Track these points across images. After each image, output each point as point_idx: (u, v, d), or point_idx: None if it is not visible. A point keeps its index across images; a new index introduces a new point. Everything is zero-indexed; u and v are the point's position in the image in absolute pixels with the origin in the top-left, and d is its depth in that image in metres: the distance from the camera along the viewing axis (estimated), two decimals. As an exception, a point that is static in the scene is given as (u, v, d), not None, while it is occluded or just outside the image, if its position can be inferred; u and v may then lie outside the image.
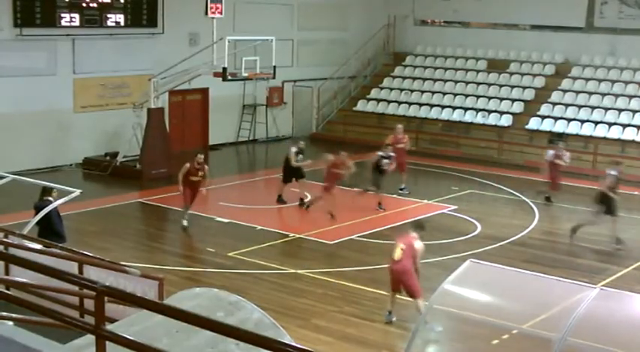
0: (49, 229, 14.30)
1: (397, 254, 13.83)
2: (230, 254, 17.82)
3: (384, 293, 14.95)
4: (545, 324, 11.32)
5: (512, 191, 25.02)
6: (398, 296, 14.13)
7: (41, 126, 25.74)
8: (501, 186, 25.60)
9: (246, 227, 20.08)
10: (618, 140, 29.76)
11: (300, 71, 33.55)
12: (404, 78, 35.64)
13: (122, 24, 27.49)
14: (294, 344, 4.89)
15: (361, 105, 35.11)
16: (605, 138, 29.97)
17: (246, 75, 25.80)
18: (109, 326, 5.56)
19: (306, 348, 4.71)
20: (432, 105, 33.70)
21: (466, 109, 32.97)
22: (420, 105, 33.90)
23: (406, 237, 14.19)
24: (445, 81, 34.64)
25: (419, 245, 14.03)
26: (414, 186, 24.89)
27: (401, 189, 24.10)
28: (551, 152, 24.00)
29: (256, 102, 32.31)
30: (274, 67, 26.20)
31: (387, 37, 37.31)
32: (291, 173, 22.51)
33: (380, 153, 22.37)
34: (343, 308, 14.87)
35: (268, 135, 32.99)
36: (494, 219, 21.54)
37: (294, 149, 22.62)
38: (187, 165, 19.86)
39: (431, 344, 12.81)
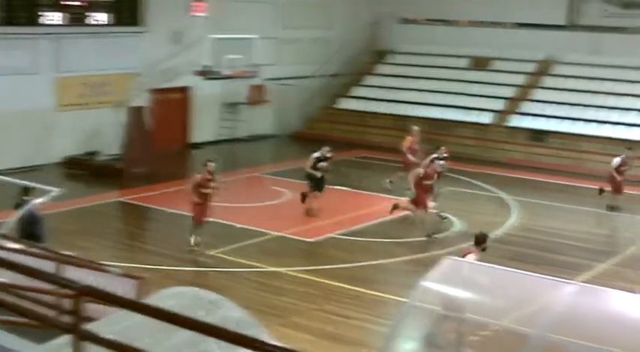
0: (27, 230, 14.22)
1: None
2: (211, 252, 17.86)
3: (365, 290, 15.05)
4: (524, 320, 11.41)
5: (493, 188, 25.16)
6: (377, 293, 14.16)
7: (23, 125, 25.65)
8: (482, 184, 25.73)
9: (227, 225, 20.09)
10: (599, 137, 29.96)
11: (283, 69, 33.57)
12: (387, 76, 35.76)
13: (106, 22, 27.44)
14: (274, 342, 4.93)
15: (344, 104, 35.19)
16: (585, 136, 30.19)
17: (229, 73, 25.81)
18: (89, 326, 5.58)
19: (286, 346, 4.76)
20: (414, 103, 33.82)
21: (448, 107, 33.12)
22: (403, 103, 34.02)
23: (465, 251, 13.57)
24: (428, 79, 34.76)
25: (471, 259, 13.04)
26: (394, 183, 24.97)
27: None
28: (617, 159, 23.26)
29: (239, 100, 32.31)
30: (257, 65, 26.21)
31: (370, 35, 37.39)
32: (313, 181, 21.37)
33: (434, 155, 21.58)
34: (323, 306, 14.95)
35: (250, 133, 32.99)
36: (474, 217, 21.65)
37: (316, 155, 21.49)
38: (197, 176, 18.28)
39: (409, 341, 12.88)
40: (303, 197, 21.41)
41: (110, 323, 6.53)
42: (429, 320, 11.98)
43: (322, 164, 21.22)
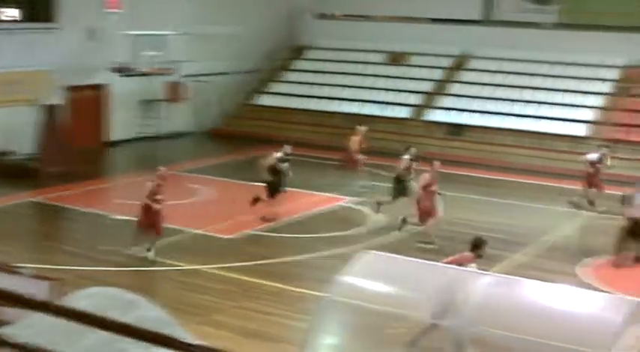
0: None
1: None
2: (129, 252, 17.64)
3: (284, 287, 15.06)
4: (442, 312, 11.55)
5: (411, 183, 25.37)
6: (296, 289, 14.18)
7: None
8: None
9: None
10: (515, 130, 30.54)
11: (201, 66, 33.31)
12: (305, 71, 35.83)
13: (18, 18, 26.86)
14: (191, 341, 4.91)
15: (262, 100, 35.16)
16: (502, 129, 30.74)
17: (145, 70, 25.55)
18: (1, 330, 5.48)
19: (204, 344, 4.74)
20: (334, 99, 33.97)
21: (366, 102, 33.35)
22: (321, 98, 34.14)
23: (460, 256, 12.94)
24: (346, 74, 34.95)
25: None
26: (314, 179, 25.05)
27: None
28: (594, 155, 23.16)
29: (156, 97, 31.98)
30: (175, 61, 25.99)
31: (287, 31, 37.41)
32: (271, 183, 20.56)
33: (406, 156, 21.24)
34: (243, 304, 14.92)
35: (168, 131, 32.69)
36: (393, 210, 21.81)
37: (277, 154, 20.88)
38: (149, 183, 17.24)
39: (329, 335, 12.94)
40: (255, 201, 20.59)
41: (24, 326, 6.41)
42: (349, 315, 12.04)
43: (284, 165, 20.65)
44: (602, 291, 15.15)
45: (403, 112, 32.57)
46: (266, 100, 35.06)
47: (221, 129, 34.10)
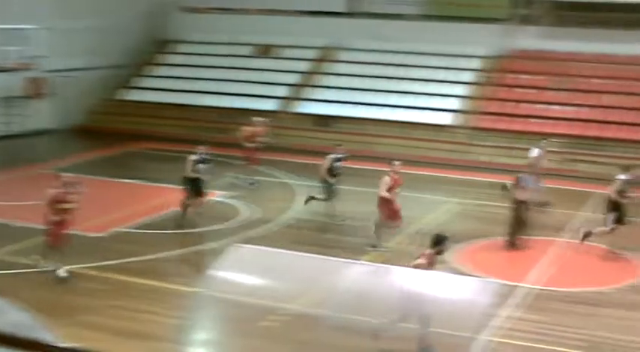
0: None
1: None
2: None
3: (156, 283, 14.81)
4: (313, 302, 11.62)
5: (280, 174, 25.44)
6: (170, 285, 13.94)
7: None
8: (271, 170, 25.95)
9: (3, 225, 19.14)
10: (383, 120, 30.96)
11: (64, 61, 32.40)
12: (173, 66, 35.39)
13: None
14: (55, 343, 4.73)
15: (129, 95, 34.54)
16: (370, 119, 31.11)
17: (3, 65, 24.72)
18: None
19: (71, 346, 4.57)
20: (203, 93, 33.66)
21: (236, 95, 33.19)
22: (189, 92, 33.78)
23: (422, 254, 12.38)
24: (214, 68, 34.70)
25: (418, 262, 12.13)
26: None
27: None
28: (536, 150, 22.76)
29: (15, 94, 30.89)
30: (35, 56, 25.21)
31: (152, 25, 36.82)
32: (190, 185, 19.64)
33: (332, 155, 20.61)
34: (115, 302, 14.56)
35: (31, 128, 31.63)
36: (264, 203, 21.82)
37: (194, 157, 19.81)
38: (51, 190, 15.58)
39: (203, 330, 12.82)
40: (185, 207, 19.67)
41: None
42: (223, 309, 11.95)
43: (201, 166, 19.83)
44: (473, 276, 15.51)
45: (272, 105, 32.56)
46: (133, 95, 34.44)
47: (86, 125, 33.29)
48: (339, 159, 20.41)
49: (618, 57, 31.53)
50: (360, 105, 31.69)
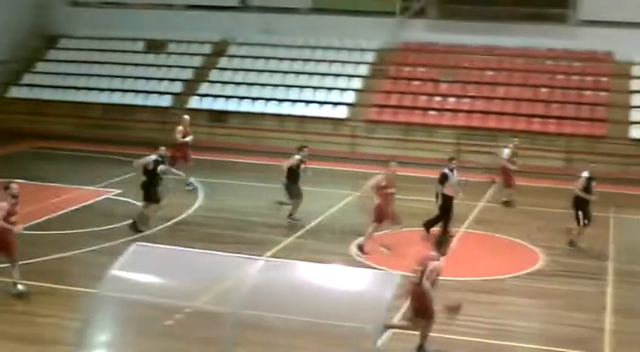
0: None
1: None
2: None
3: (54, 285, 14.41)
4: (217, 299, 11.47)
5: (177, 171, 25.13)
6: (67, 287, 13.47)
7: None
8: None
9: None
10: (279, 115, 30.93)
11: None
12: (61, 62, 34.56)
13: None
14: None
15: (12, 92, 33.56)
16: (265, 114, 31.04)
17: None
18: None
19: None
20: (94, 90, 32.97)
21: (128, 92, 32.65)
22: (79, 89, 33.05)
23: (424, 256, 12.31)
24: (103, 63, 34.05)
25: (434, 266, 12.06)
26: (76, 172, 24.21)
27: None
28: (507, 150, 22.78)
29: None
30: None
31: (38, 19, 35.82)
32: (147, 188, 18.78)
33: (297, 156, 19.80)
34: (11, 307, 14.04)
35: None
36: (161, 201, 21.44)
37: (152, 157, 18.76)
38: (3, 203, 14.19)
39: (103, 331, 12.52)
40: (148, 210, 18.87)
41: None
42: (122, 309, 11.70)
43: (162, 167, 18.89)
44: (375, 268, 15.59)
45: (165, 101, 32.15)
46: (17, 92, 33.48)
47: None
48: (302, 161, 19.86)
49: (507, 49, 32.28)
50: (256, 100, 31.55)
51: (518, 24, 32.23)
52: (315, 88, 31.78)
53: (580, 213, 18.32)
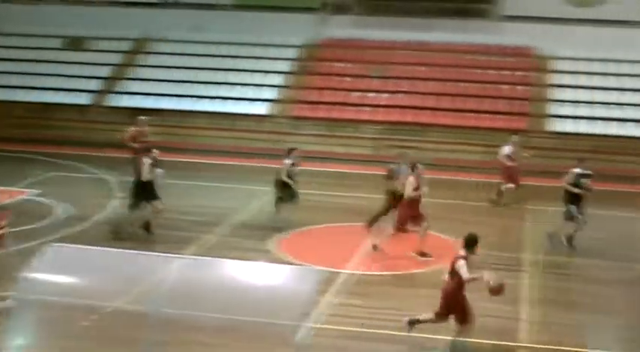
0: None
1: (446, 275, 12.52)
2: None
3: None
4: (139, 298, 11.38)
5: (97, 170, 24.86)
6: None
7: None
8: (85, 166, 25.32)
9: None
10: (206, 112, 30.72)
11: None
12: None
13: None
14: None
15: None
16: (193, 112, 30.78)
17: None
18: None
19: None
20: (11, 87, 32.34)
21: (47, 90, 32.10)
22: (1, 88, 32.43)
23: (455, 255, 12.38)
24: (21, 61, 33.42)
25: (459, 265, 12.12)
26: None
27: None
28: (506, 147, 22.52)
29: None
30: None
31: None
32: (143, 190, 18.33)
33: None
34: None
35: None
36: (78, 200, 21.14)
37: (149, 160, 18.30)
38: None
39: (19, 334, 12.31)
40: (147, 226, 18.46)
41: None
42: (39, 312, 11.52)
43: (159, 171, 18.47)
44: (295, 264, 15.61)
45: (85, 99, 31.71)
46: None
47: None
48: (293, 164, 19.47)
49: (431, 44, 32.62)
50: (182, 98, 31.29)
51: (441, 19, 32.62)
52: (241, 84, 31.61)
53: (572, 207, 18.29)
